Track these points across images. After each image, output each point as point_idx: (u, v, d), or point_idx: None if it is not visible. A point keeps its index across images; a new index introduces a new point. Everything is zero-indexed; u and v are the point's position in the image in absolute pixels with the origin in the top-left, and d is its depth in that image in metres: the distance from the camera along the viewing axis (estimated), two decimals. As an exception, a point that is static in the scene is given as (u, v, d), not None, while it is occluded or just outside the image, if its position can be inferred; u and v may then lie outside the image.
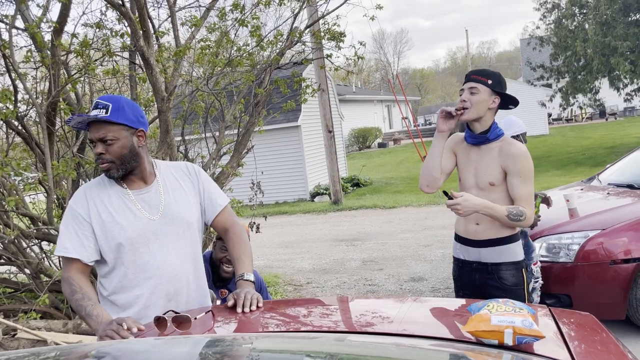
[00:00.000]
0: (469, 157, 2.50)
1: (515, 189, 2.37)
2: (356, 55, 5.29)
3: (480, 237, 2.46)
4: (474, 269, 2.50)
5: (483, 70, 2.45)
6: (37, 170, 4.53)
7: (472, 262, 2.51)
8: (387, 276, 6.17)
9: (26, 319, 4.12)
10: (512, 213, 2.32)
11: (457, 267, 2.61)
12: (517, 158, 2.36)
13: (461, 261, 2.57)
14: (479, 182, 2.45)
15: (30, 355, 1.15)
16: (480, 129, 2.44)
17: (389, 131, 35.62)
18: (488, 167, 2.43)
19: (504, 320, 1.24)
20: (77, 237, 1.87)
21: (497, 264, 2.44)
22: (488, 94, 2.40)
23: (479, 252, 2.47)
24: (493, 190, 2.42)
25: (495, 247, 2.44)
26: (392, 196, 12.92)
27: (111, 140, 1.84)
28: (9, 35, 3.98)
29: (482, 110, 2.40)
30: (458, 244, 2.59)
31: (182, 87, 5.32)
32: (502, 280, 2.43)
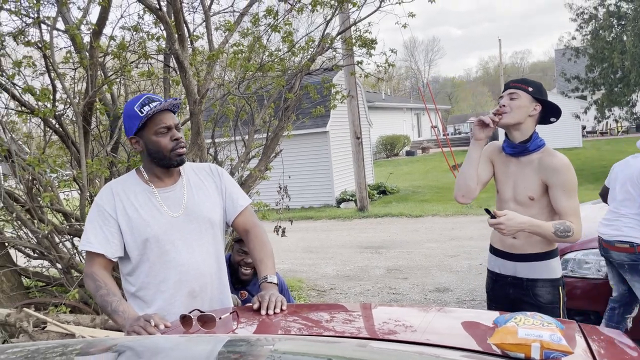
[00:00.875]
0: (507, 168, 2.39)
1: (559, 203, 2.25)
2: (387, 63, 5.29)
3: (517, 251, 2.37)
4: (509, 283, 2.40)
5: (523, 79, 2.37)
6: (72, 167, 4.66)
7: (507, 276, 2.42)
8: (411, 285, 6.11)
9: (56, 313, 4.23)
10: (559, 230, 2.19)
11: (491, 280, 2.52)
12: (559, 170, 2.24)
13: (496, 274, 2.48)
14: (518, 195, 2.35)
15: (59, 347, 1.18)
16: (520, 138, 2.33)
17: (418, 139, 35.37)
18: (527, 181, 2.31)
19: (532, 334, 1.21)
20: (102, 233, 1.91)
21: (533, 280, 2.34)
22: (529, 100, 2.30)
23: (515, 266, 2.38)
24: (532, 205, 2.31)
25: (532, 262, 2.34)
26: (418, 205, 12.81)
27: (178, 128, 1.96)
28: (50, 36, 4.12)
29: (522, 116, 2.29)
30: (493, 256, 2.50)
31: (214, 90, 5.40)
32: (537, 297, 2.33)
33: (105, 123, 5.26)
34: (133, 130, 1.92)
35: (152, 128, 1.90)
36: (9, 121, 4.82)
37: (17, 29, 4.17)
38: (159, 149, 1.92)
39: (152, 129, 1.91)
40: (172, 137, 1.93)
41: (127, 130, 1.96)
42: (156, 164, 1.97)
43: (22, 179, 4.15)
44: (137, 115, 1.88)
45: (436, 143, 31.09)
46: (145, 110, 1.88)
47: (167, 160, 1.95)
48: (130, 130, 1.93)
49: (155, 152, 1.94)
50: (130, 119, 1.91)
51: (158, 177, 2.00)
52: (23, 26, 4.21)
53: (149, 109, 1.88)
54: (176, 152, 1.94)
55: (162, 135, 1.92)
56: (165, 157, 1.94)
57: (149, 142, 1.93)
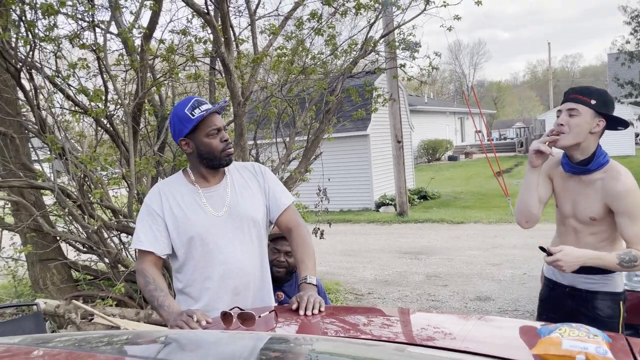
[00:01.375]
0: (567, 185, 2.23)
1: (624, 229, 2.09)
2: (430, 66, 5.23)
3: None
4: (567, 293, 2.30)
5: (586, 88, 2.12)
6: (121, 166, 4.83)
7: (565, 286, 2.30)
8: (451, 293, 6.01)
9: (103, 305, 4.39)
10: (624, 260, 2.04)
11: (548, 288, 2.40)
12: (623, 196, 2.06)
13: (553, 282, 2.37)
14: (579, 215, 2.21)
15: (106, 337, 1.23)
16: (581, 157, 2.14)
17: (461, 144, 34.74)
18: (589, 202, 2.15)
19: (576, 346, 1.18)
20: (151, 232, 1.99)
21: (594, 293, 2.23)
22: (590, 116, 2.08)
23: (574, 277, 2.26)
24: (595, 224, 2.17)
25: (594, 275, 2.22)
26: (460, 211, 12.58)
27: (225, 129, 2.03)
28: (104, 39, 4.28)
29: (582, 135, 2.08)
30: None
31: (257, 92, 5.49)
32: (596, 310, 2.21)
33: (153, 123, 5.44)
34: (184, 133, 1.97)
35: (204, 130, 1.96)
36: (63, 120, 5.05)
37: (73, 32, 4.37)
38: (210, 150, 1.98)
39: (203, 131, 1.96)
40: (222, 139, 1.99)
41: (176, 132, 2.00)
42: (205, 165, 2.03)
43: (74, 176, 4.34)
44: (189, 118, 1.94)
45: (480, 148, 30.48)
46: (196, 113, 1.93)
47: (217, 161, 2.01)
48: (181, 132, 1.98)
49: (206, 153, 1.99)
50: (181, 122, 1.96)
51: (204, 177, 2.06)
52: (78, 29, 4.40)
53: (199, 112, 1.93)
54: (226, 152, 2.00)
55: (212, 137, 1.97)
56: (216, 158, 2.00)
57: (201, 144, 1.98)
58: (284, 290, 2.96)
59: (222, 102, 2.04)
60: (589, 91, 2.11)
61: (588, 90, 2.11)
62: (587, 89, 2.12)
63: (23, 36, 4.15)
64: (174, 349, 1.12)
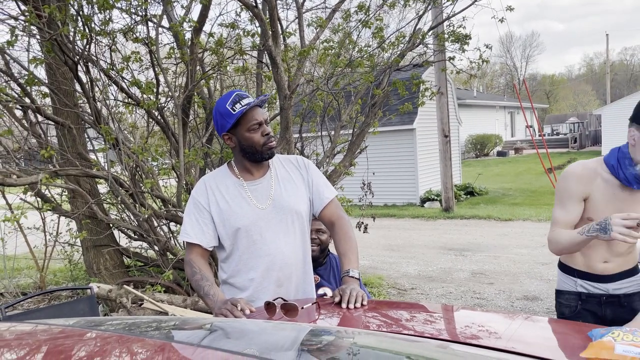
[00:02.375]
0: (614, 195, 2.06)
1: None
2: (481, 59, 5.10)
3: (608, 272, 2.17)
4: (604, 302, 2.20)
5: None
6: (171, 157, 4.97)
7: (601, 295, 2.20)
8: (497, 291, 5.87)
9: (152, 291, 4.54)
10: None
11: (578, 301, 2.26)
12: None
13: (585, 294, 2.24)
14: None
15: (154, 322, 1.27)
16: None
17: (511, 139, 33.73)
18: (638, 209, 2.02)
19: (631, 351, 1.13)
20: (198, 225, 2.04)
21: (630, 295, 2.16)
22: None
23: (605, 286, 2.18)
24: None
25: (627, 278, 2.17)
26: (508, 208, 12.24)
27: (267, 123, 2.04)
28: (156, 33, 4.40)
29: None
30: (578, 279, 2.25)
31: (303, 86, 5.51)
32: (636, 311, 2.12)
33: (201, 116, 5.55)
34: (226, 128, 2.00)
35: (245, 125, 1.98)
36: (117, 112, 5.23)
37: (127, 26, 4.51)
38: (252, 144, 2.00)
39: (244, 125, 1.98)
40: (264, 133, 2.00)
41: (219, 127, 2.03)
42: (248, 159, 2.05)
43: (127, 166, 4.49)
44: (230, 113, 1.96)
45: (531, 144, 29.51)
46: (237, 108, 1.95)
47: (259, 155, 2.03)
48: (223, 127, 2.01)
49: (248, 147, 2.01)
50: (223, 117, 1.99)
51: (248, 170, 2.09)
52: (132, 23, 4.54)
53: (240, 106, 1.95)
54: (267, 146, 2.01)
55: (254, 131, 1.99)
56: (258, 152, 2.02)
57: (242, 138, 2.00)
58: (319, 274, 2.97)
59: (263, 96, 2.06)
60: None
61: None
62: None
63: (80, 30, 4.31)
64: (218, 336, 1.15)
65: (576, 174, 2.10)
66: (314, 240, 2.86)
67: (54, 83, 4.95)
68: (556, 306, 2.38)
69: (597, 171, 2.09)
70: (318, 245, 2.88)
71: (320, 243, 2.88)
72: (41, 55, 4.57)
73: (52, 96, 4.98)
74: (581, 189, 2.08)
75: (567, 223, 2.13)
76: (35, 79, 4.41)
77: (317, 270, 2.96)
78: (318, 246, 2.88)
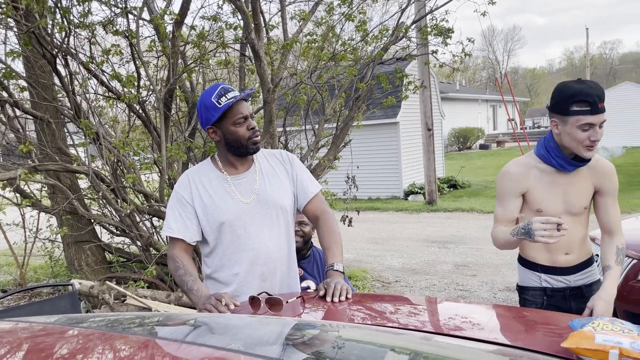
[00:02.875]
0: (553, 181, 2.16)
1: (610, 212, 2.15)
2: (463, 52, 5.13)
3: (570, 264, 2.24)
4: (568, 295, 2.26)
5: (603, 92, 2.01)
6: (153, 151, 4.92)
7: (564, 289, 2.27)
8: (480, 283, 5.94)
9: (135, 287, 4.50)
10: (620, 260, 2.13)
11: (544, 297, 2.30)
12: (612, 175, 2.12)
13: (550, 290, 2.29)
14: (572, 208, 2.16)
15: (137, 318, 1.26)
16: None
17: (493, 132, 34.07)
18: (582, 190, 2.15)
19: (610, 340, 1.15)
20: (181, 219, 2.02)
21: (589, 285, 2.25)
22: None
23: (568, 278, 2.26)
24: (584, 213, 2.19)
25: (585, 269, 2.26)
26: (491, 200, 12.37)
27: (253, 117, 2.02)
28: (136, 25, 4.34)
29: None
30: (542, 274, 2.29)
31: (286, 79, 5.48)
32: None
33: (184, 109, 5.50)
34: (211, 121, 1.98)
35: (231, 119, 1.96)
36: (97, 106, 5.15)
37: (107, 19, 4.43)
38: (237, 138, 1.99)
39: (230, 119, 1.96)
40: (249, 127, 1.99)
41: (204, 120, 2.01)
42: (232, 153, 2.04)
43: (108, 161, 4.43)
44: (215, 106, 1.94)
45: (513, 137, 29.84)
46: (222, 101, 1.94)
47: (244, 149, 2.01)
48: (208, 121, 1.98)
49: (233, 141, 2.00)
50: (208, 110, 1.97)
51: (232, 164, 2.07)
52: (112, 16, 4.46)
53: (226, 100, 1.93)
54: (252, 140, 2.00)
55: (239, 125, 1.98)
56: (243, 146, 2.00)
57: (227, 132, 1.99)
58: (303, 267, 2.98)
59: (249, 90, 2.04)
60: (603, 93, 2.00)
61: (603, 93, 2.00)
62: (603, 92, 2.00)
63: (59, 22, 4.23)
64: (203, 332, 1.14)
65: (510, 172, 2.22)
66: (297, 232, 2.86)
67: (32, 76, 4.85)
68: (520, 302, 2.39)
69: (531, 164, 2.20)
70: (301, 237, 2.89)
71: (303, 235, 2.89)
72: (19, 48, 4.48)
73: (30, 90, 4.89)
74: (517, 186, 2.20)
75: (505, 219, 2.23)
76: (13, 72, 4.31)
77: (301, 263, 2.95)
78: (301, 238, 2.89)
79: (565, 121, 2.03)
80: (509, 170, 2.24)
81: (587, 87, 1.98)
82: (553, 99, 2.08)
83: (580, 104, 1.97)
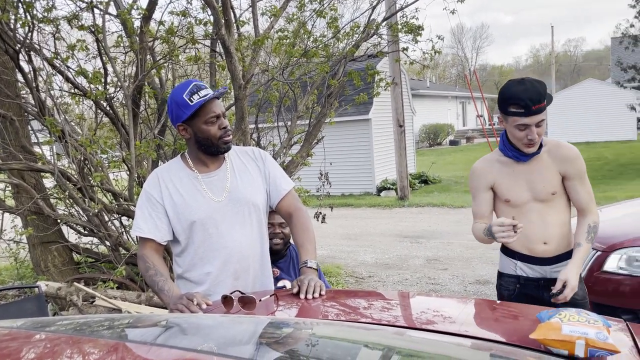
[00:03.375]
0: (513, 172, 2.27)
1: (579, 192, 2.23)
2: (433, 50, 5.18)
3: (548, 255, 2.29)
4: (542, 286, 2.31)
5: (540, 94, 2.08)
6: (121, 149, 4.82)
7: (538, 279, 2.32)
8: (451, 276, 6.04)
9: (104, 288, 4.41)
10: (591, 239, 2.18)
11: (517, 284, 2.38)
12: (574, 160, 2.20)
13: (524, 278, 2.36)
14: (538, 194, 2.24)
15: (106, 321, 1.23)
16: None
17: (462, 129, 34.62)
18: (545, 177, 2.22)
19: (576, 331, 1.18)
20: (151, 219, 1.98)
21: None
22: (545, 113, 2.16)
23: (544, 269, 2.31)
24: (555, 199, 2.25)
25: (561, 262, 2.28)
26: (461, 195, 12.58)
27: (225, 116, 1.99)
28: (103, 20, 4.24)
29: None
30: (518, 262, 2.37)
31: (258, 76, 5.45)
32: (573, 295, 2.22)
33: (153, 106, 5.41)
34: (182, 118, 1.94)
35: (203, 117, 1.93)
36: (62, 103, 5.02)
37: (72, 13, 4.32)
38: (208, 136, 1.96)
39: (202, 118, 1.93)
40: (221, 126, 1.96)
41: (174, 117, 1.97)
42: (203, 151, 2.01)
43: (74, 159, 4.33)
44: (187, 104, 1.90)
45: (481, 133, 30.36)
46: (195, 99, 1.90)
47: (214, 148, 1.99)
48: (179, 118, 1.94)
49: (204, 140, 1.97)
50: (179, 107, 1.93)
51: (203, 162, 2.04)
52: (77, 10, 4.35)
53: (198, 97, 1.90)
54: (224, 139, 1.97)
55: (211, 124, 1.95)
56: (214, 145, 1.98)
57: (198, 131, 1.95)
58: (279, 267, 2.96)
59: (222, 89, 2.01)
60: (543, 95, 2.08)
61: (542, 96, 2.08)
62: (541, 93, 2.08)
63: (21, 17, 4.10)
64: (174, 333, 1.12)
65: (476, 169, 2.40)
66: (278, 234, 2.84)
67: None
68: (497, 287, 2.50)
69: (494, 159, 2.35)
70: (282, 239, 2.85)
71: (284, 237, 2.84)
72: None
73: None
74: (482, 181, 2.35)
75: (480, 214, 2.39)
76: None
77: (277, 263, 2.94)
78: (282, 240, 2.85)
79: (506, 119, 2.18)
80: (475, 167, 2.41)
81: (522, 89, 2.07)
82: (498, 98, 2.22)
83: (515, 106, 2.10)
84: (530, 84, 2.09)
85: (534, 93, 2.06)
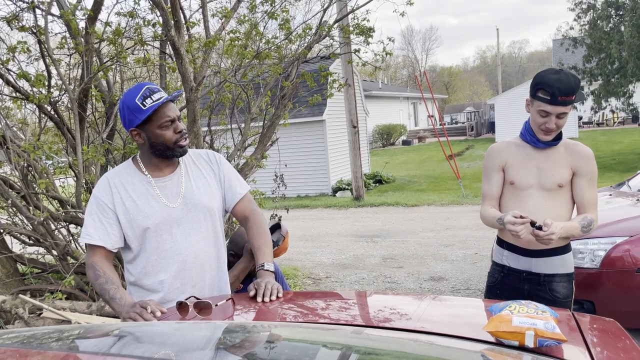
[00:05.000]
0: (527, 156, 2.32)
1: (585, 192, 2.26)
2: (384, 51, 5.26)
3: (534, 247, 2.30)
4: (524, 278, 2.36)
5: (572, 87, 2.12)
6: (68, 154, 4.64)
7: (521, 271, 2.37)
8: (406, 274, 6.15)
9: (52, 299, 4.23)
10: (584, 225, 2.21)
11: (501, 274, 2.45)
12: (589, 159, 2.26)
13: (508, 268, 2.41)
14: (545, 182, 2.28)
15: (55, 332, 1.18)
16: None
17: (414, 129, 35.35)
18: (557, 168, 2.26)
19: (526, 322, 1.23)
20: (102, 225, 1.91)
21: (551, 275, 2.31)
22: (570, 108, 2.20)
23: (531, 261, 2.34)
24: (559, 192, 2.28)
25: (550, 257, 2.31)
26: (414, 194, 12.84)
27: (180, 119, 1.94)
28: (45, 21, 4.07)
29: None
30: (504, 250, 2.44)
31: (210, 77, 5.37)
32: (553, 292, 2.30)
33: (100, 110, 5.23)
34: (135, 123, 1.87)
35: (157, 122, 1.87)
36: (3, 107, 4.79)
37: (11, 14, 4.12)
38: (163, 141, 1.90)
39: (156, 122, 1.87)
40: (176, 130, 1.91)
41: (127, 122, 1.90)
42: (156, 155, 1.95)
43: (17, 166, 4.13)
44: (140, 108, 1.84)
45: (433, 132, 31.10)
46: (148, 103, 1.84)
47: (170, 152, 1.93)
48: (132, 123, 1.88)
49: (158, 145, 1.91)
50: (132, 112, 1.86)
51: (156, 166, 1.98)
52: (17, 11, 4.16)
53: (151, 101, 1.84)
54: (179, 144, 1.92)
55: (166, 128, 1.89)
56: (169, 149, 1.92)
57: (153, 135, 1.89)
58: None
59: (177, 92, 1.96)
60: (573, 90, 2.13)
61: (572, 90, 2.13)
62: (571, 87, 2.12)
63: (-45, 17, 3.88)
64: (128, 342, 1.09)
65: (493, 149, 2.44)
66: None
67: None
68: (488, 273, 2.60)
69: (511, 142, 2.40)
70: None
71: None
72: None
73: None
74: (497, 161, 2.39)
75: (490, 195, 2.41)
76: None
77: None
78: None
79: (532, 103, 2.25)
80: (492, 147, 2.47)
81: (555, 79, 2.14)
82: (532, 81, 2.28)
83: (543, 92, 2.17)
84: (565, 75, 2.14)
85: (565, 85, 2.12)
